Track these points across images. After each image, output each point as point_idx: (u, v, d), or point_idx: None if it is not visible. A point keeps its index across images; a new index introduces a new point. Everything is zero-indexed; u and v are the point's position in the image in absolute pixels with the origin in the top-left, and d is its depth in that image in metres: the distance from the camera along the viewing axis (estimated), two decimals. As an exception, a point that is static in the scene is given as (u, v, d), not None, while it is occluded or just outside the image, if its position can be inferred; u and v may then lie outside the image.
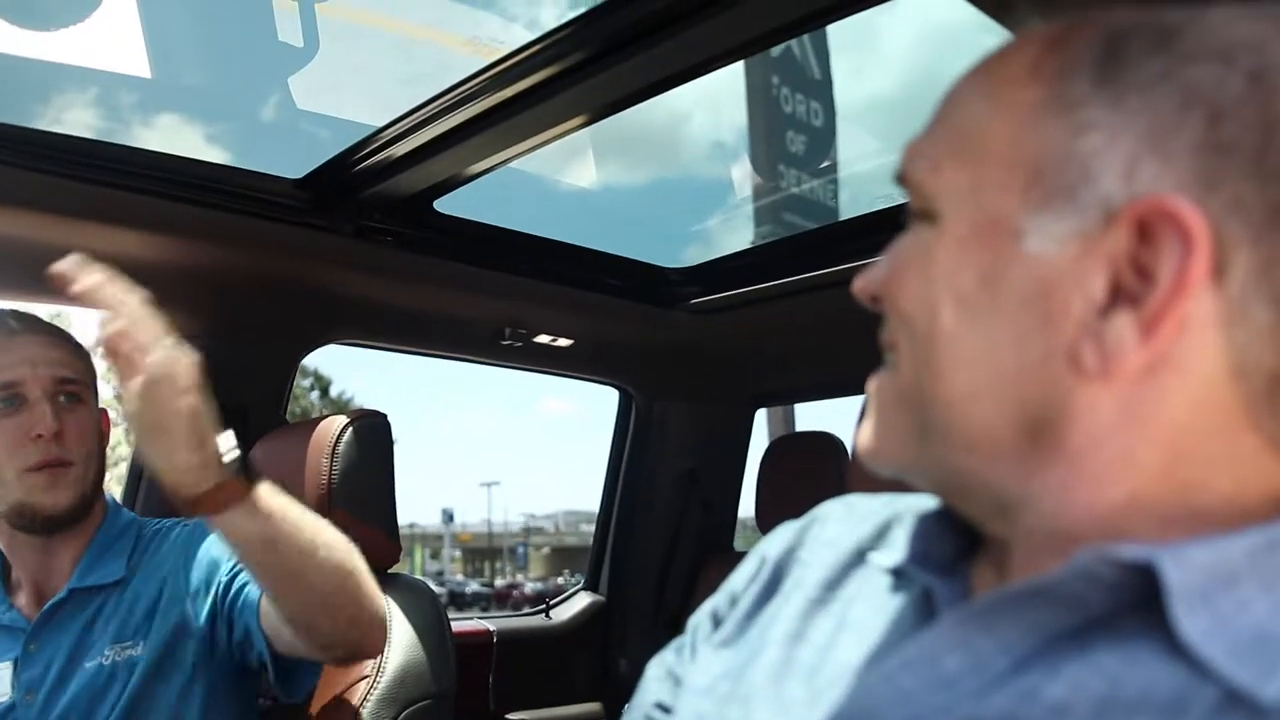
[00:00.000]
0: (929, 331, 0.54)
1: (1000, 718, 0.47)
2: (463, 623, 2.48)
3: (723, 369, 2.68)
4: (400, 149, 1.60)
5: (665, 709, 0.71)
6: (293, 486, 1.55)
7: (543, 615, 2.69)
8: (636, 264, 2.27)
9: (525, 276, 2.07)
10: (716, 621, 0.73)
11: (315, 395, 30.60)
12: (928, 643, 0.52)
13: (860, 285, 0.60)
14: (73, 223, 1.55)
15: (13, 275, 1.63)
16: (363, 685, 1.39)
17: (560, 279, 2.14)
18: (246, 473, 1.06)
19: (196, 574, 1.36)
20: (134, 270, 1.58)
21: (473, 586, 37.71)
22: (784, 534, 0.74)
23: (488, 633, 2.46)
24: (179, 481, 1.02)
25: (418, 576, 1.71)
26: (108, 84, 1.98)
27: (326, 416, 1.64)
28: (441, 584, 29.92)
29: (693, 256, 2.37)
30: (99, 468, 1.42)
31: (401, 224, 1.86)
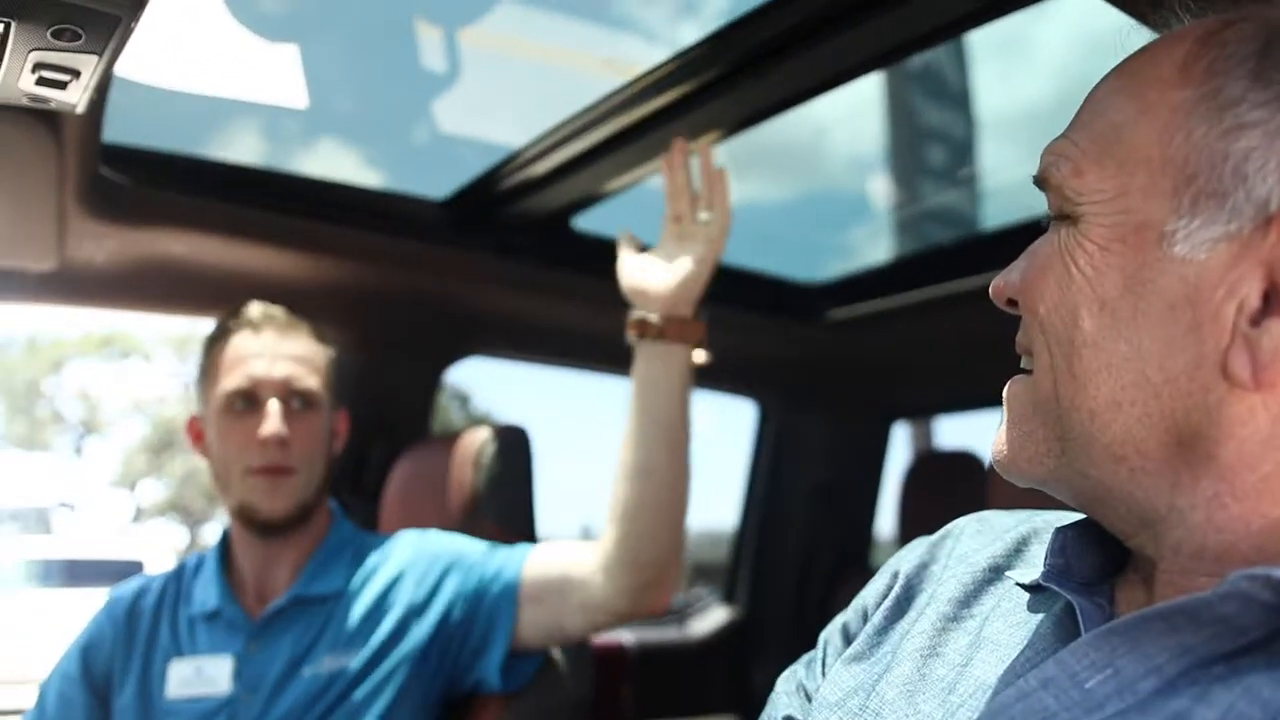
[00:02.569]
0: (1069, 338, 0.52)
1: None
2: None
3: (859, 383, 2.64)
4: (539, 168, 1.64)
5: None
6: (436, 497, 1.61)
7: (676, 628, 2.70)
8: (772, 278, 2.26)
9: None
10: (848, 636, 0.72)
11: (455, 406, 31.43)
12: (1069, 661, 0.51)
13: (997, 287, 0.59)
14: (233, 244, 1.65)
15: (181, 293, 1.74)
16: (502, 695, 1.42)
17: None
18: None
19: (421, 588, 1.40)
20: (289, 288, 1.69)
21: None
22: (917, 549, 0.72)
23: (621, 645, 2.48)
24: (677, 300, 1.31)
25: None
26: (269, 114, 2.09)
27: (469, 428, 1.69)
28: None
29: (830, 270, 2.35)
30: (325, 474, 1.45)
31: (541, 241, 1.91)
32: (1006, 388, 0.58)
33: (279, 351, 1.42)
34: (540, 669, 1.44)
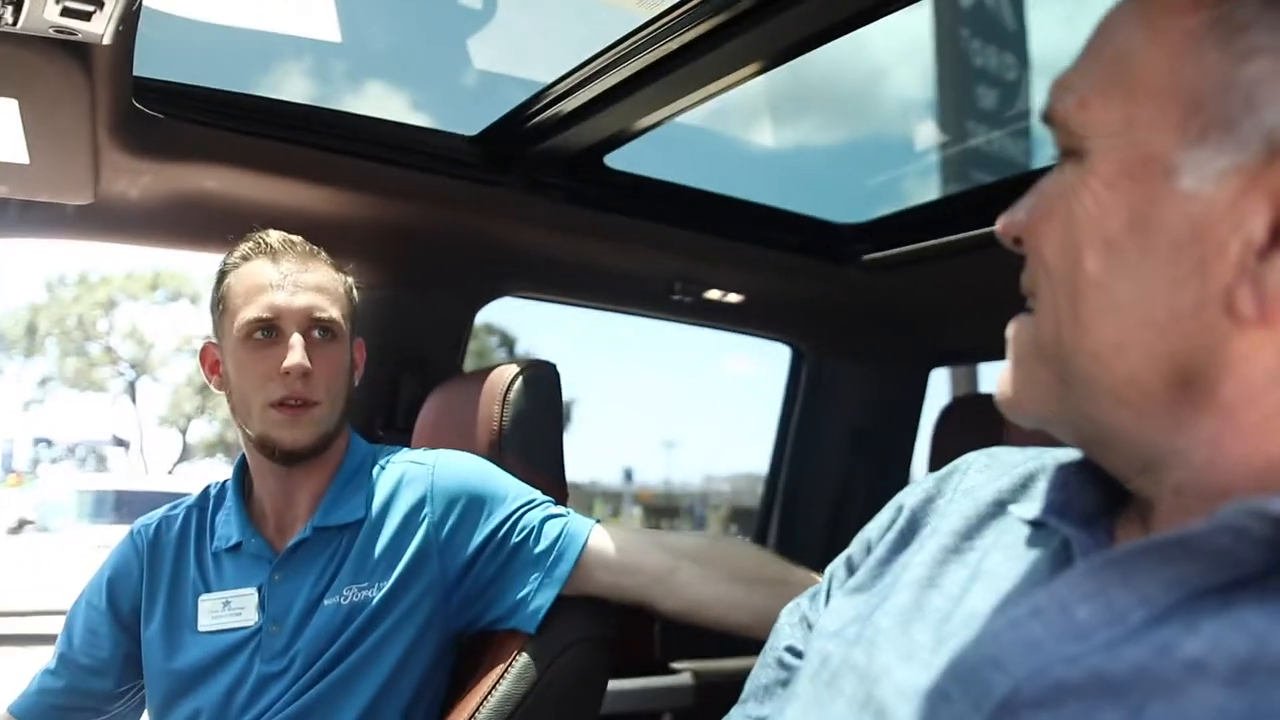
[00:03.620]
0: (1072, 279, 0.51)
1: (1131, 672, 0.45)
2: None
3: (898, 327, 2.61)
4: (570, 104, 1.62)
5: (796, 653, 0.71)
6: (464, 432, 1.61)
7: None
8: (810, 219, 2.23)
9: (695, 231, 2.07)
10: (851, 568, 0.72)
11: (503, 353, 31.76)
12: (1060, 591, 0.50)
13: (1002, 226, 0.57)
14: (266, 179, 1.65)
15: (215, 229, 1.74)
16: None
17: (731, 234, 2.13)
18: None
19: (449, 523, 1.40)
20: (317, 222, 1.69)
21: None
22: (924, 484, 0.72)
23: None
24: None
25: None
26: (303, 49, 2.08)
27: (498, 366, 1.69)
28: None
29: (870, 212, 2.31)
30: (344, 405, 1.44)
31: (572, 179, 1.89)
32: (1010, 327, 0.57)
33: (300, 281, 1.39)
34: (564, 607, 1.45)
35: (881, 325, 2.58)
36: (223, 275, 1.42)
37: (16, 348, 29.25)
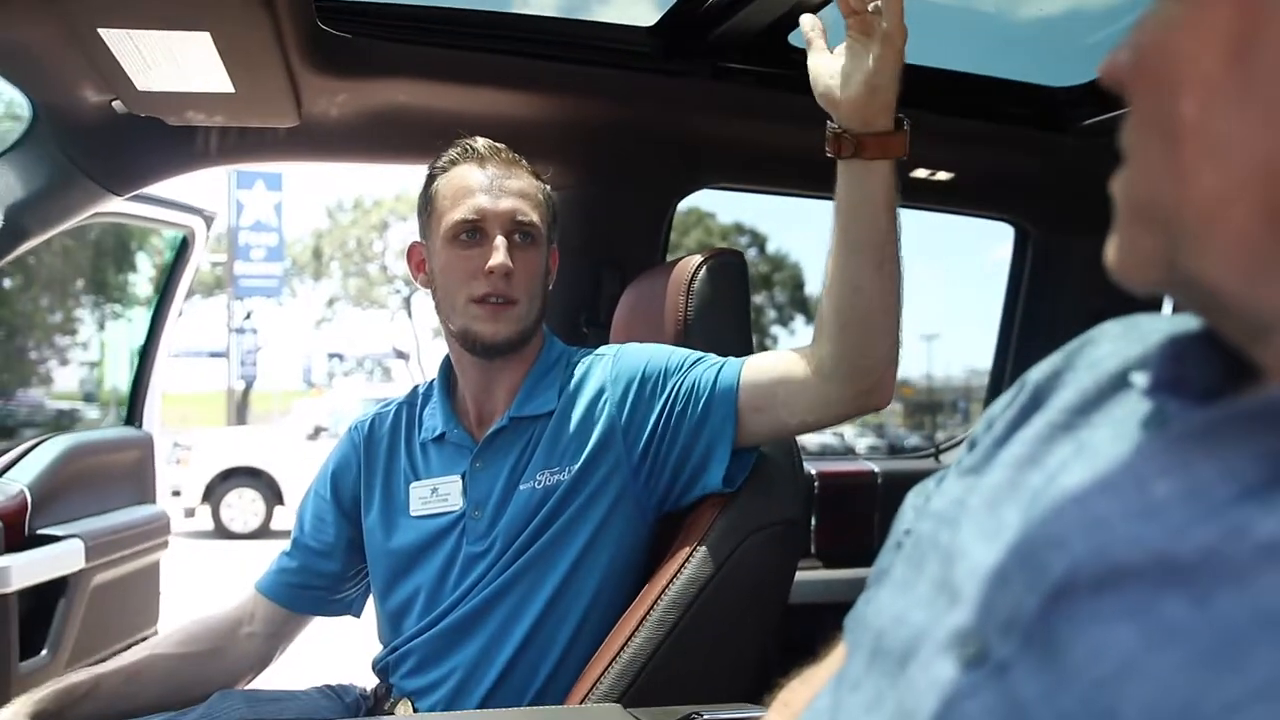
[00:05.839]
0: (1167, 127, 0.45)
1: (1199, 554, 0.40)
2: (845, 463, 2.52)
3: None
4: (744, -21, 1.57)
5: (911, 534, 0.69)
6: (654, 323, 1.64)
7: (933, 459, 2.65)
8: (1022, 85, 2.07)
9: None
10: (972, 448, 0.68)
11: (753, 252, 31.78)
12: (1137, 465, 0.45)
13: (1104, 67, 0.51)
14: (453, 88, 1.71)
15: (413, 141, 1.83)
16: (712, 509, 1.46)
17: (934, 107, 2.01)
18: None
19: (628, 400, 1.45)
20: (509, 127, 1.74)
21: (913, 440, 37.65)
22: (1054, 357, 0.66)
23: (871, 473, 2.47)
24: (870, 110, 1.20)
25: (856, 427, 1.73)
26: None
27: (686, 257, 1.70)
28: (882, 436, 30.19)
29: (1090, 73, 2.11)
30: (541, 305, 1.51)
31: (757, 61, 1.85)
32: (1112, 185, 0.51)
33: (504, 186, 1.45)
34: (751, 490, 1.46)
35: (1110, 195, 2.37)
36: (431, 179, 1.50)
37: (306, 271, 32.18)
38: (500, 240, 1.42)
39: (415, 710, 1.43)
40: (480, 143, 1.48)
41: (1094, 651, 0.41)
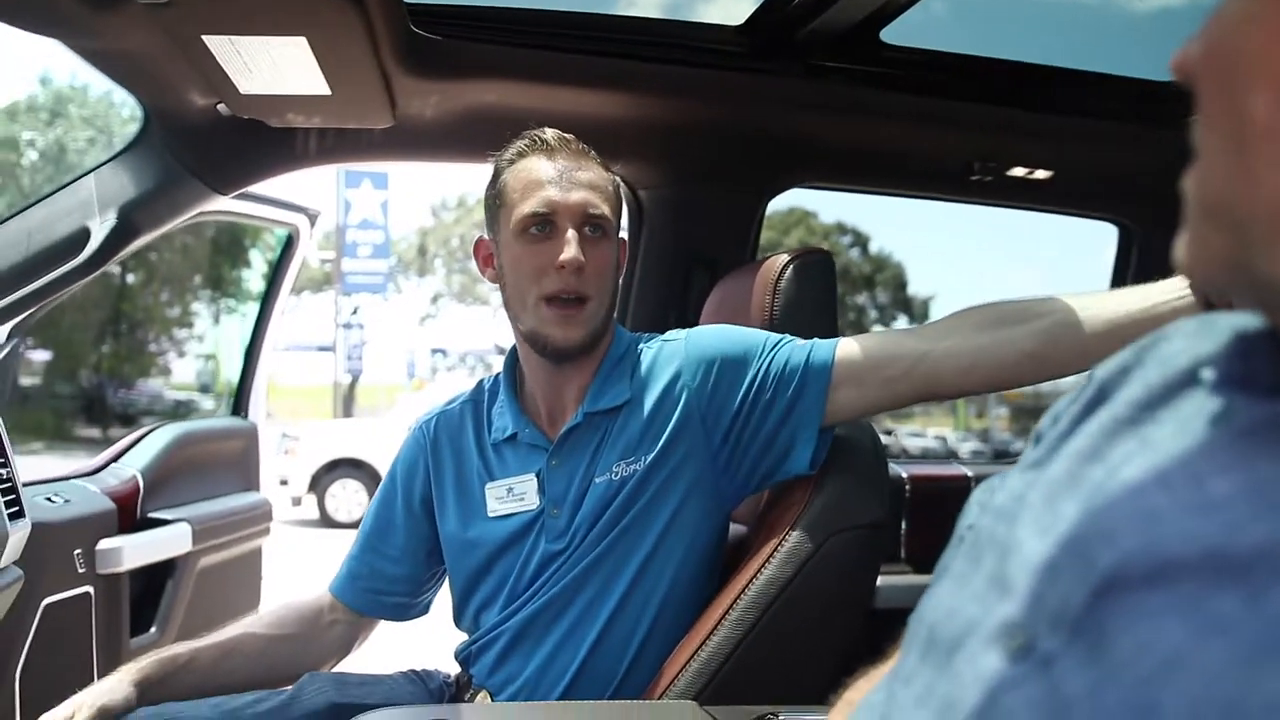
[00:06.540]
0: (1237, 124, 0.43)
1: (1254, 551, 0.38)
2: (938, 467, 2.47)
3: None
4: (833, -25, 1.55)
5: (973, 529, 0.67)
6: (740, 321, 1.64)
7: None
8: (1123, 79, 2.00)
9: (990, 105, 1.93)
10: (1037, 442, 0.66)
11: (855, 253, 31.39)
12: (1194, 462, 0.44)
13: (1174, 61, 0.49)
14: (543, 89, 1.73)
15: (502, 139, 1.86)
16: (794, 509, 1.45)
17: (1032, 105, 1.96)
18: None
19: (706, 385, 1.43)
20: (597, 128, 1.75)
21: (1018, 445, 36.71)
22: (1124, 353, 0.64)
23: (965, 478, 2.42)
24: None
25: (959, 432, 1.71)
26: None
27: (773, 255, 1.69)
28: (986, 441, 29.52)
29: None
30: (611, 302, 1.48)
31: (849, 59, 1.83)
32: (1183, 182, 0.49)
33: (574, 178, 1.42)
34: (834, 490, 1.44)
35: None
36: (498, 172, 1.48)
37: (411, 268, 32.92)
38: (571, 234, 1.38)
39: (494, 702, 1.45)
40: (549, 134, 1.45)
41: (1140, 646, 0.40)
